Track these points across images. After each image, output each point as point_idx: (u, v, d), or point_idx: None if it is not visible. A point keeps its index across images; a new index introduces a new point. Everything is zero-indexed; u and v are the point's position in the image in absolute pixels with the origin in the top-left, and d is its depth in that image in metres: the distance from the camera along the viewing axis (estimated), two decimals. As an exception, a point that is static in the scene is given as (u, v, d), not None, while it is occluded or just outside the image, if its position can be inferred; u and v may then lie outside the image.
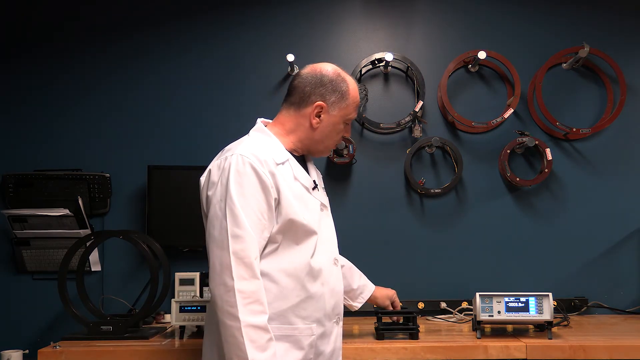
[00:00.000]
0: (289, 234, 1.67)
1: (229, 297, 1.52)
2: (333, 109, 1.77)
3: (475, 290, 2.27)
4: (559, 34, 2.91)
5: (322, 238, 1.74)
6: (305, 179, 1.75)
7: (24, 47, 2.85)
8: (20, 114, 2.83)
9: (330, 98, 1.76)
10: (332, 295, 1.74)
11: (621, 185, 2.89)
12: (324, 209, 1.80)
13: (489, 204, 2.88)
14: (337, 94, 1.76)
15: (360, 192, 2.85)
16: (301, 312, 1.67)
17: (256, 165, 1.62)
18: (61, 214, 2.65)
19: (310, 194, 1.75)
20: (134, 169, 2.78)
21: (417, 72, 2.83)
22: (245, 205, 1.58)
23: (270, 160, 1.66)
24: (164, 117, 2.84)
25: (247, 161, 1.62)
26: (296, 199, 1.68)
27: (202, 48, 2.87)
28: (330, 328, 1.75)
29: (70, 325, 2.59)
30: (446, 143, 2.81)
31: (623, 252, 2.86)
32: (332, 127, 1.78)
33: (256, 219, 1.59)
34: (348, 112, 1.79)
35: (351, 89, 1.79)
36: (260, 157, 1.64)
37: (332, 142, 1.82)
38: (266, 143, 1.73)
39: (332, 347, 1.75)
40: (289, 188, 1.67)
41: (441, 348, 2.11)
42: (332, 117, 1.77)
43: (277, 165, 1.67)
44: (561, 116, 2.84)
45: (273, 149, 1.72)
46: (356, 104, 1.81)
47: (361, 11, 2.92)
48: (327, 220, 1.81)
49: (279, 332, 1.63)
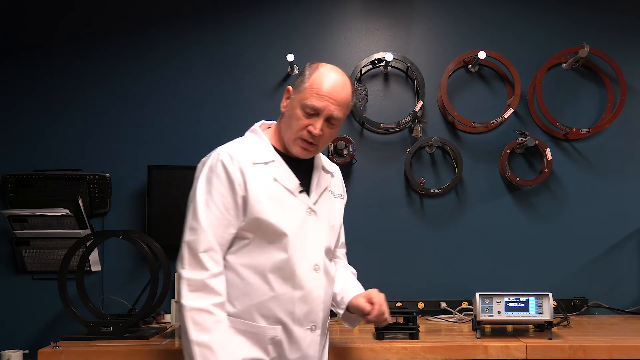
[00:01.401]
0: (259, 232, 1.68)
1: (180, 284, 1.63)
2: (294, 92, 1.74)
3: (475, 290, 2.27)
4: (559, 34, 2.91)
5: (301, 241, 1.71)
6: (288, 180, 1.73)
7: (24, 47, 2.85)
8: (20, 113, 2.83)
9: (295, 81, 1.76)
10: (305, 301, 1.71)
11: (621, 185, 2.89)
12: (312, 213, 1.75)
13: (489, 204, 2.88)
14: (300, 78, 1.74)
15: (360, 192, 2.85)
16: (265, 312, 1.68)
17: (226, 163, 1.67)
18: (61, 214, 2.65)
19: (295, 196, 1.73)
20: (134, 169, 2.78)
21: (417, 72, 2.83)
22: (208, 200, 1.66)
23: (245, 159, 1.69)
24: (164, 117, 2.84)
25: (220, 159, 1.68)
26: (269, 200, 1.68)
27: (202, 48, 2.87)
28: (301, 334, 1.71)
29: (70, 325, 2.59)
30: (446, 143, 2.81)
31: (623, 252, 2.86)
32: (292, 113, 1.72)
33: (219, 214, 1.65)
34: (304, 97, 1.69)
35: (314, 75, 1.71)
36: (234, 156, 1.68)
37: (293, 131, 1.72)
38: (253, 144, 1.76)
39: (303, 353, 1.72)
40: (262, 188, 1.68)
41: (441, 348, 2.11)
42: (292, 101, 1.74)
43: (255, 164, 1.70)
44: (561, 116, 2.85)
45: (258, 149, 1.74)
46: (314, 90, 1.69)
47: (361, 11, 2.92)
48: (313, 225, 1.75)
49: (243, 326, 1.69)
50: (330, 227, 1.83)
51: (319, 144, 1.75)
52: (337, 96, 1.70)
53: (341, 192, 1.96)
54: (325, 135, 1.74)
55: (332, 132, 1.76)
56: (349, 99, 1.75)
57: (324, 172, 1.87)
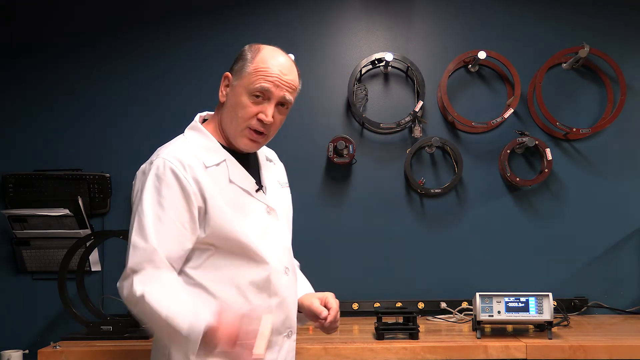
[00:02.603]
0: (222, 242, 1.51)
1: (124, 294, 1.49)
2: (235, 79, 1.55)
3: (475, 290, 2.27)
4: (559, 34, 2.91)
5: (268, 245, 1.56)
6: (244, 180, 1.57)
7: (24, 47, 2.84)
8: (20, 114, 2.83)
9: (234, 67, 1.58)
10: (281, 308, 1.57)
11: (621, 185, 2.89)
12: (271, 212, 1.60)
13: (489, 204, 2.88)
14: (240, 62, 1.56)
15: (360, 192, 2.85)
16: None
17: (178, 171, 1.48)
18: (61, 214, 2.65)
19: (253, 197, 1.57)
20: (134, 169, 2.76)
21: (417, 72, 2.83)
22: (160, 214, 1.46)
23: (197, 165, 1.51)
24: (164, 117, 2.84)
25: (169, 166, 1.49)
26: (230, 206, 1.51)
27: (201, 48, 2.87)
28: (279, 342, 1.59)
29: (70, 325, 2.59)
30: (446, 143, 2.81)
31: (623, 252, 2.86)
32: (236, 101, 1.54)
33: (174, 230, 1.46)
34: (250, 81, 1.52)
35: (259, 57, 1.54)
36: (184, 162, 1.50)
37: (240, 121, 1.54)
38: (198, 143, 1.57)
39: None
40: (220, 194, 1.51)
41: (441, 348, 2.11)
42: (234, 88, 1.55)
43: (207, 168, 1.52)
44: (561, 116, 2.85)
45: (206, 149, 1.56)
46: (260, 72, 1.52)
47: (361, 11, 2.92)
48: (274, 225, 1.60)
49: None
50: (287, 224, 1.70)
51: (269, 133, 1.58)
52: (287, 78, 1.55)
53: (286, 180, 1.77)
54: (276, 123, 1.57)
55: (282, 119, 1.59)
56: (297, 82, 1.60)
57: (268, 162, 1.73)
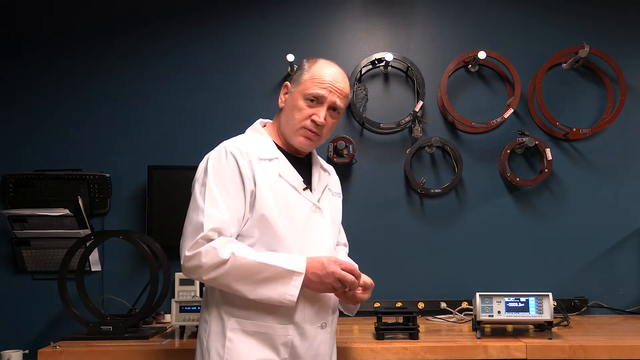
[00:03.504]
0: (265, 230, 1.66)
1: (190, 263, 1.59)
2: (294, 86, 1.76)
3: (475, 290, 2.27)
4: (559, 34, 2.91)
5: (308, 239, 1.71)
6: (293, 177, 1.73)
7: (24, 47, 2.85)
8: (20, 114, 2.83)
9: (293, 76, 1.78)
10: (315, 299, 1.69)
11: (621, 185, 2.89)
12: (317, 210, 1.75)
13: (489, 204, 2.88)
14: (299, 72, 1.77)
15: (360, 192, 2.85)
16: (276, 312, 1.64)
17: (236, 155, 1.66)
18: (61, 214, 2.65)
19: (300, 194, 1.73)
20: (134, 169, 2.78)
21: (417, 72, 2.83)
22: (221, 190, 1.62)
23: (253, 154, 1.69)
24: (164, 117, 2.84)
25: (229, 150, 1.67)
26: (275, 196, 1.67)
27: (201, 48, 2.87)
28: (312, 332, 1.70)
29: (70, 325, 2.59)
30: (446, 143, 2.81)
31: (623, 252, 2.86)
32: (293, 105, 1.74)
33: (239, 203, 1.63)
34: (306, 87, 1.72)
35: (314, 67, 1.75)
36: (242, 149, 1.68)
37: (295, 122, 1.73)
38: (257, 140, 1.76)
39: (314, 352, 1.70)
40: (269, 184, 1.67)
41: (441, 348, 2.10)
42: (292, 94, 1.75)
43: (261, 160, 1.69)
44: (561, 116, 2.85)
45: (262, 145, 1.74)
46: (316, 80, 1.72)
47: (361, 11, 2.92)
48: (318, 222, 1.75)
49: (253, 328, 1.65)
50: (333, 224, 1.83)
51: (322, 134, 1.76)
52: (339, 85, 1.74)
53: (339, 191, 1.95)
54: (328, 125, 1.75)
55: (333, 122, 1.78)
56: (348, 90, 1.79)
57: (322, 171, 1.88)
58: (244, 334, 1.65)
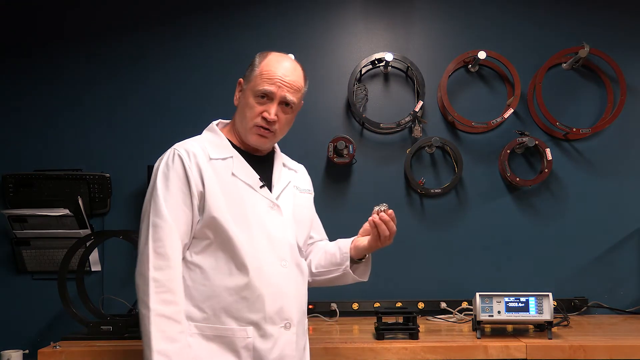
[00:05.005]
0: (218, 230, 1.63)
1: (144, 286, 1.57)
2: (245, 83, 1.74)
3: (475, 290, 2.27)
4: (559, 34, 2.91)
5: (266, 237, 1.67)
6: (248, 175, 1.71)
7: (24, 47, 2.85)
8: (20, 114, 2.83)
9: (246, 73, 1.76)
10: (275, 298, 1.65)
11: (621, 185, 2.89)
12: (275, 207, 1.72)
13: (489, 204, 2.88)
14: (250, 68, 1.75)
15: (360, 192, 2.85)
16: (234, 313, 1.62)
17: (184, 158, 1.65)
18: (61, 214, 2.65)
19: (256, 192, 1.70)
20: (134, 169, 2.78)
21: (417, 72, 2.83)
22: (167, 196, 1.61)
23: (201, 155, 1.67)
24: (164, 117, 2.84)
25: (177, 153, 1.66)
26: (227, 196, 1.65)
27: (201, 48, 2.87)
28: (275, 333, 1.65)
29: (70, 325, 2.58)
30: (446, 143, 2.81)
31: (623, 252, 2.86)
32: (245, 102, 1.72)
33: (180, 211, 1.62)
34: (256, 84, 1.69)
35: (264, 62, 1.72)
36: (190, 150, 1.67)
37: (248, 120, 1.71)
38: (210, 140, 1.75)
39: (278, 354, 1.65)
40: (220, 184, 1.65)
41: (441, 348, 2.11)
42: (244, 91, 1.74)
43: (211, 160, 1.68)
44: (561, 116, 2.85)
45: (214, 145, 1.73)
46: (264, 75, 1.69)
47: (361, 11, 2.92)
48: (277, 220, 1.71)
49: (212, 332, 1.62)
50: (295, 222, 1.78)
51: (276, 131, 1.73)
52: (288, 79, 1.71)
53: (308, 188, 1.92)
54: (281, 121, 1.73)
55: (287, 118, 1.75)
56: (301, 83, 1.76)
57: (286, 169, 1.86)
58: (203, 338, 1.62)
